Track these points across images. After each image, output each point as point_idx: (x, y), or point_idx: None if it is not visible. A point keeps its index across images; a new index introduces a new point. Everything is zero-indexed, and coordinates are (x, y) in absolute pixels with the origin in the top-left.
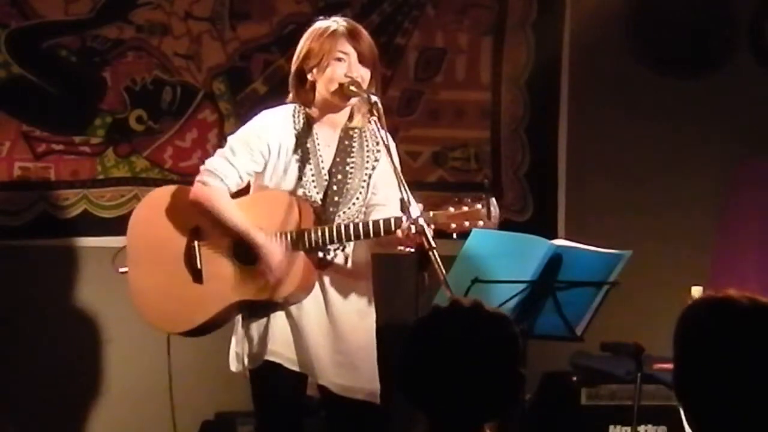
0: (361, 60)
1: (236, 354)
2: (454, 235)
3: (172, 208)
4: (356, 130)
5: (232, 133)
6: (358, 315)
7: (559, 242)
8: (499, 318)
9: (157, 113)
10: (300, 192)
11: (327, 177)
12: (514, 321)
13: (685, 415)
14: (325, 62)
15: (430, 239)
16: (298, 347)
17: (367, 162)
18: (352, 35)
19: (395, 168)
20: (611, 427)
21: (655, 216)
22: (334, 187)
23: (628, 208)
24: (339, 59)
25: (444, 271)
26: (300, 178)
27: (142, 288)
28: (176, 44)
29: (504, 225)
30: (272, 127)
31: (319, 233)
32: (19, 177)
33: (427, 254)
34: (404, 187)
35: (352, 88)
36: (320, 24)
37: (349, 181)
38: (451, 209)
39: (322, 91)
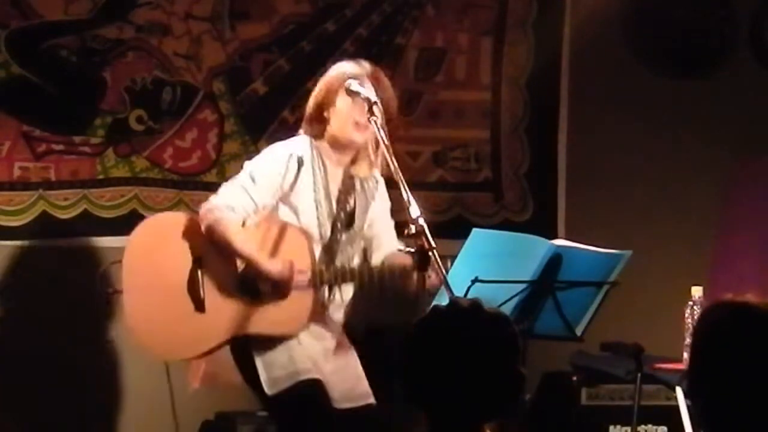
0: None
1: (255, 381)
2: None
3: (174, 236)
4: (354, 171)
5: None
6: (342, 333)
7: (559, 242)
8: (499, 318)
9: (157, 113)
10: (314, 221)
11: (336, 211)
12: (514, 321)
13: (697, 415)
14: (342, 101)
15: (430, 239)
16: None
17: (370, 200)
18: (372, 78)
19: (395, 168)
20: (611, 427)
21: (655, 216)
22: (338, 225)
23: (628, 208)
24: (357, 102)
25: (444, 271)
26: (315, 215)
27: (140, 313)
28: (176, 44)
29: (504, 225)
30: (291, 161)
31: (332, 275)
32: (19, 177)
33: (427, 254)
34: (404, 187)
35: (353, 88)
36: (343, 63)
37: (356, 218)
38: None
39: (336, 128)
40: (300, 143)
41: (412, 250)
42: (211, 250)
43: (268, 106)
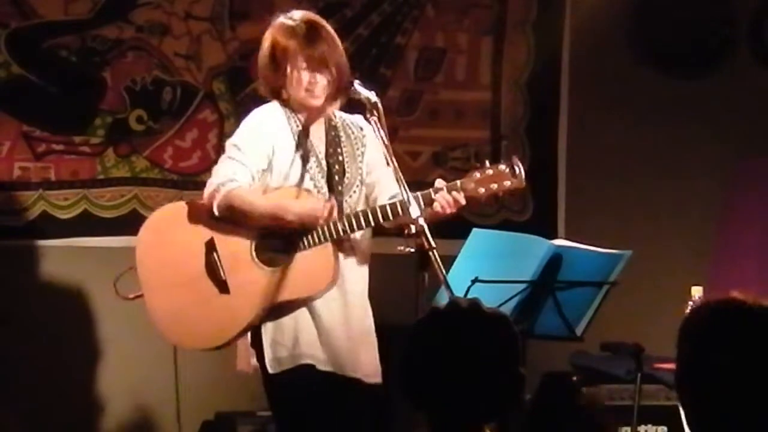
0: (317, 65)
1: (261, 358)
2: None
3: (180, 226)
4: (336, 121)
5: (229, 136)
6: (365, 296)
7: (559, 242)
8: (498, 318)
9: (157, 113)
10: (308, 183)
11: (327, 167)
12: (514, 321)
13: (686, 415)
14: (289, 68)
15: (430, 239)
16: (323, 343)
17: (357, 150)
18: (309, 39)
19: (395, 168)
20: None
21: (655, 216)
22: (336, 177)
23: (628, 208)
24: (303, 67)
25: (444, 271)
26: (305, 170)
27: (166, 311)
28: (176, 44)
29: (504, 225)
30: (271, 125)
31: (345, 221)
32: (19, 177)
33: (427, 254)
34: (404, 187)
35: (353, 87)
36: (279, 22)
37: (347, 169)
38: (477, 174)
39: (292, 94)
40: (271, 108)
41: (413, 250)
42: (221, 230)
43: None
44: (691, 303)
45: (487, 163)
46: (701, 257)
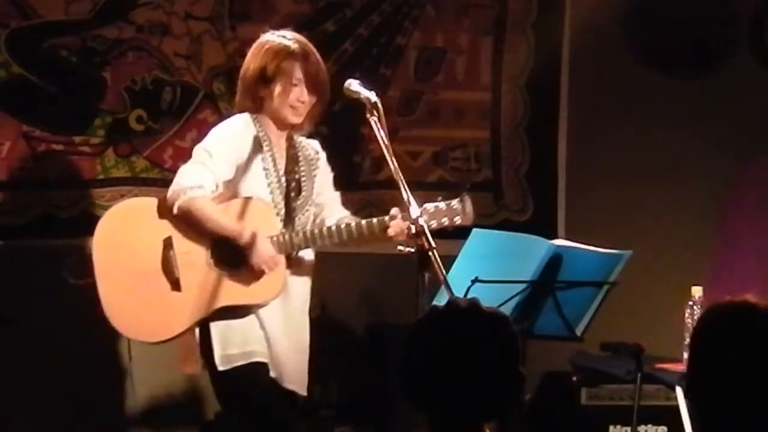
0: (310, 85)
1: (210, 355)
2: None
3: (140, 221)
4: (296, 141)
5: (198, 142)
6: (305, 311)
7: (559, 242)
8: (497, 317)
9: (157, 113)
10: (267, 197)
11: (285, 183)
12: (514, 321)
13: (695, 416)
14: (280, 85)
15: (430, 239)
16: (270, 350)
17: (313, 170)
18: (305, 59)
19: (395, 168)
20: (611, 427)
21: (655, 216)
22: (292, 193)
23: (628, 208)
24: (294, 84)
25: (444, 271)
26: (266, 184)
27: (117, 300)
28: (176, 44)
29: (504, 225)
30: (241, 137)
31: (302, 238)
32: (19, 177)
33: (427, 254)
34: (404, 187)
35: (354, 88)
36: (274, 40)
37: (303, 188)
38: (431, 208)
39: (274, 108)
40: (241, 120)
41: (413, 250)
42: (180, 230)
43: None
44: (691, 303)
45: (440, 198)
46: (701, 257)
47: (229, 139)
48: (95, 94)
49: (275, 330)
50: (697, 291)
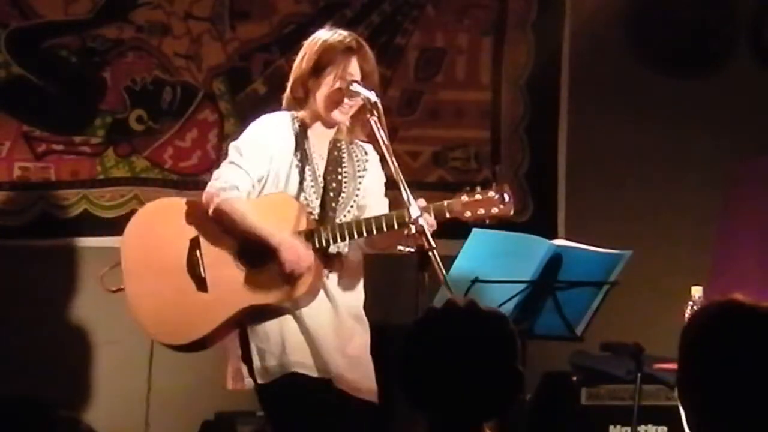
0: (366, 80)
1: (251, 369)
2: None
3: (166, 221)
4: (342, 143)
5: (233, 139)
6: (359, 314)
7: (559, 242)
8: (495, 316)
9: (157, 113)
10: (301, 198)
11: (323, 184)
12: (514, 321)
13: (687, 417)
14: (331, 80)
15: (430, 239)
16: (313, 352)
17: (359, 172)
18: (361, 56)
19: (395, 168)
20: (611, 427)
21: (655, 216)
22: (331, 194)
23: (628, 208)
24: (345, 79)
25: (444, 271)
26: (301, 184)
27: (144, 302)
28: (176, 44)
29: (504, 225)
30: (274, 133)
31: (330, 232)
32: (19, 177)
33: (427, 254)
34: (404, 186)
35: (353, 88)
36: (330, 37)
37: (344, 189)
38: (465, 197)
39: (320, 105)
40: (277, 117)
41: (413, 250)
42: (208, 229)
43: (268, 106)
44: (691, 303)
45: (478, 188)
46: (701, 257)
47: (260, 135)
48: (95, 94)
49: (321, 330)
50: (697, 291)
